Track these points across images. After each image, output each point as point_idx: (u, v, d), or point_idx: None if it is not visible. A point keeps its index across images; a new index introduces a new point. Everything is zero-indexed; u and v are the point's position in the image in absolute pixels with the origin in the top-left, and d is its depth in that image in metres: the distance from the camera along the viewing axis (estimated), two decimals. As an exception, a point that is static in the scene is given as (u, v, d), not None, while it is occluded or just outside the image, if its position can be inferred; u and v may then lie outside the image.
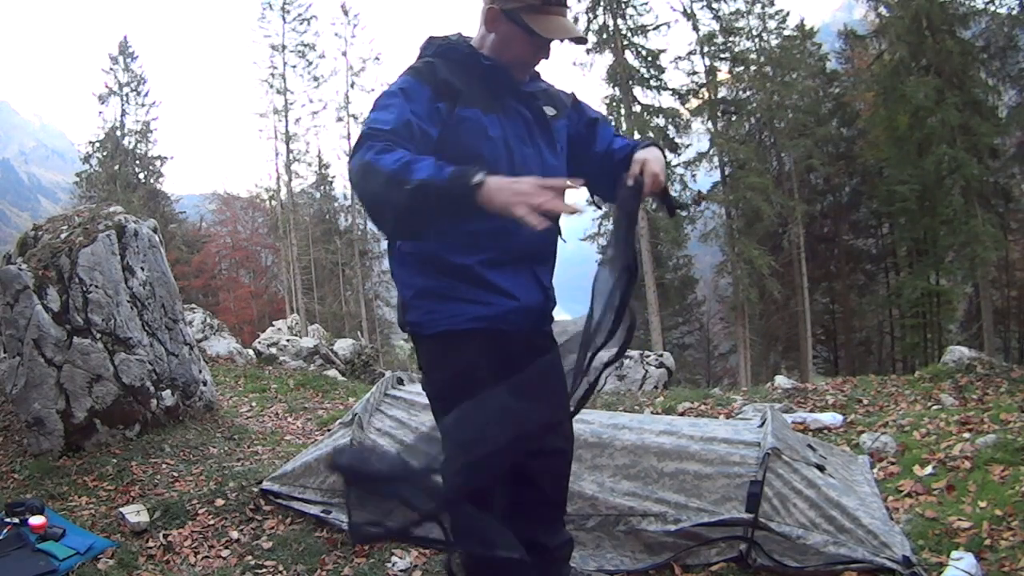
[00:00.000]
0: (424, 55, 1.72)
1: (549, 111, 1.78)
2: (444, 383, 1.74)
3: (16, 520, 2.87)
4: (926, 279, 19.13)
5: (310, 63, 26.99)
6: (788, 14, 22.38)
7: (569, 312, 1.79)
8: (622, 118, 22.30)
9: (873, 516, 2.48)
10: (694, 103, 22.73)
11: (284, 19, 26.67)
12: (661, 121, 22.58)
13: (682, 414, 4.82)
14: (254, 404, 6.13)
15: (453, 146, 1.58)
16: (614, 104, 22.37)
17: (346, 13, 26.90)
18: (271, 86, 26.73)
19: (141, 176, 28.83)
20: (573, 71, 22.86)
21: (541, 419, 1.64)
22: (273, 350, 9.00)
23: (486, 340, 1.66)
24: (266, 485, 3.31)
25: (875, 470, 3.31)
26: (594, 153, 1.86)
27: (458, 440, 1.72)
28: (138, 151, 28.55)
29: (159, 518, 3.16)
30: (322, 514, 3.03)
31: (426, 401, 1.86)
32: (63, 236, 4.41)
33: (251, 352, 8.85)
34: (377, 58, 27.26)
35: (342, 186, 29.00)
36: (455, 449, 1.73)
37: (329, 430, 4.00)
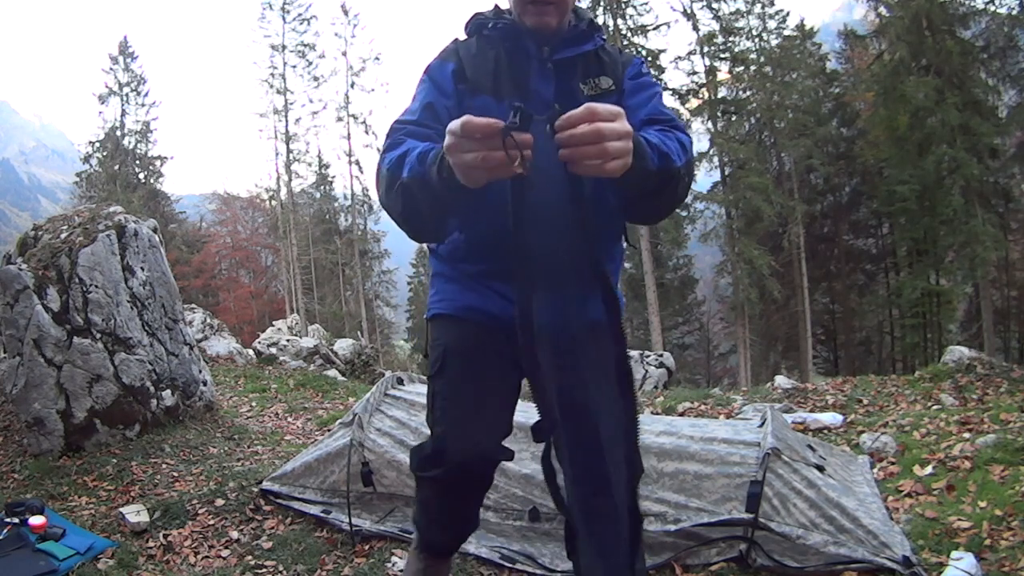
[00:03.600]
0: (466, 31, 1.56)
1: (603, 83, 1.44)
2: (432, 363, 1.63)
3: (16, 520, 2.87)
4: (926, 279, 19.12)
5: (310, 63, 27.02)
6: (788, 14, 22.44)
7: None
8: (622, 118, 22.27)
9: (873, 516, 2.48)
10: (694, 103, 22.75)
11: (284, 19, 26.70)
12: (661, 121, 22.55)
13: (682, 414, 4.82)
14: (254, 404, 6.13)
15: None
16: (614, 104, 22.33)
17: (346, 13, 26.94)
18: (271, 86, 26.77)
19: (141, 176, 28.82)
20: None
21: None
22: (273, 350, 9.00)
23: (478, 330, 1.54)
24: (266, 485, 3.32)
25: (875, 470, 3.31)
26: None
27: (432, 427, 1.63)
28: (138, 151, 28.55)
29: (159, 518, 3.16)
30: (322, 514, 3.03)
31: (426, 401, 1.74)
32: (63, 236, 4.41)
33: (251, 352, 8.85)
34: (377, 58, 27.28)
35: (342, 186, 28.97)
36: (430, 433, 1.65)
37: (329, 430, 4.00)
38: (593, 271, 1.21)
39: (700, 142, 22.73)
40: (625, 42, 22.21)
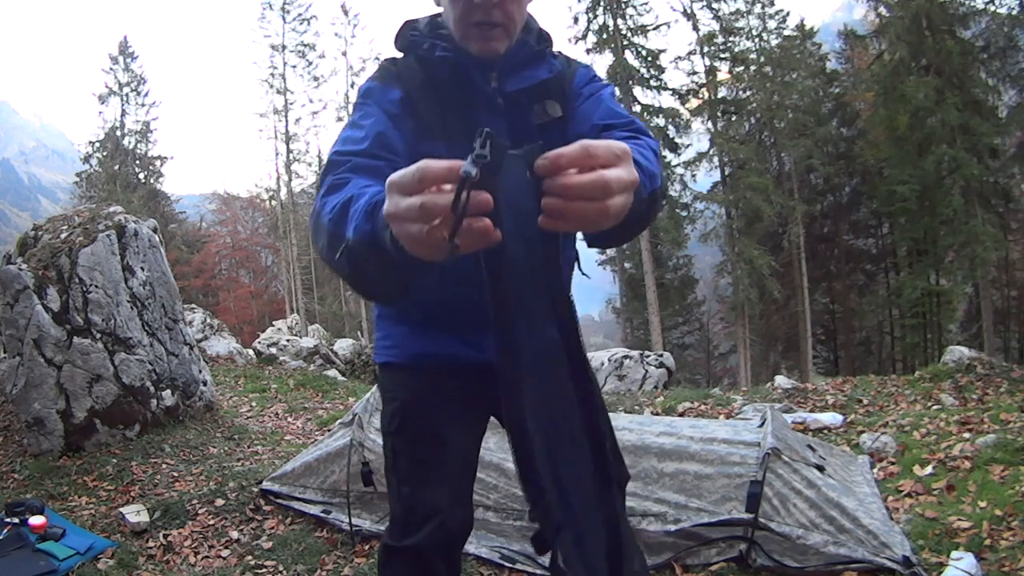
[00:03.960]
0: (396, 47, 1.31)
1: (551, 109, 1.26)
2: (388, 418, 1.45)
3: (16, 520, 2.88)
4: (926, 279, 19.12)
5: (310, 63, 27.02)
6: (788, 14, 22.42)
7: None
8: (622, 118, 22.31)
9: (873, 516, 2.48)
10: (694, 103, 22.75)
11: (284, 19, 26.71)
12: (661, 121, 22.59)
13: (682, 414, 4.82)
14: (254, 404, 6.13)
15: None
16: (614, 104, 22.36)
17: (346, 13, 26.92)
18: (271, 86, 26.78)
19: (141, 176, 28.83)
20: (573, 71, 22.77)
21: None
22: (273, 350, 9.01)
23: (433, 378, 1.38)
24: (266, 485, 3.32)
25: (875, 470, 3.31)
26: None
27: (398, 486, 1.45)
28: (138, 151, 28.56)
29: (159, 518, 3.16)
30: (322, 514, 3.03)
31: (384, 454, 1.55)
32: (63, 236, 4.41)
33: (251, 352, 8.85)
34: (377, 58, 27.03)
35: (342, 186, 28.99)
36: (394, 501, 1.48)
37: (329, 430, 4.00)
38: (554, 307, 0.93)
39: (700, 142, 22.79)
40: (625, 42, 22.23)
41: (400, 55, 1.30)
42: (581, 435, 0.99)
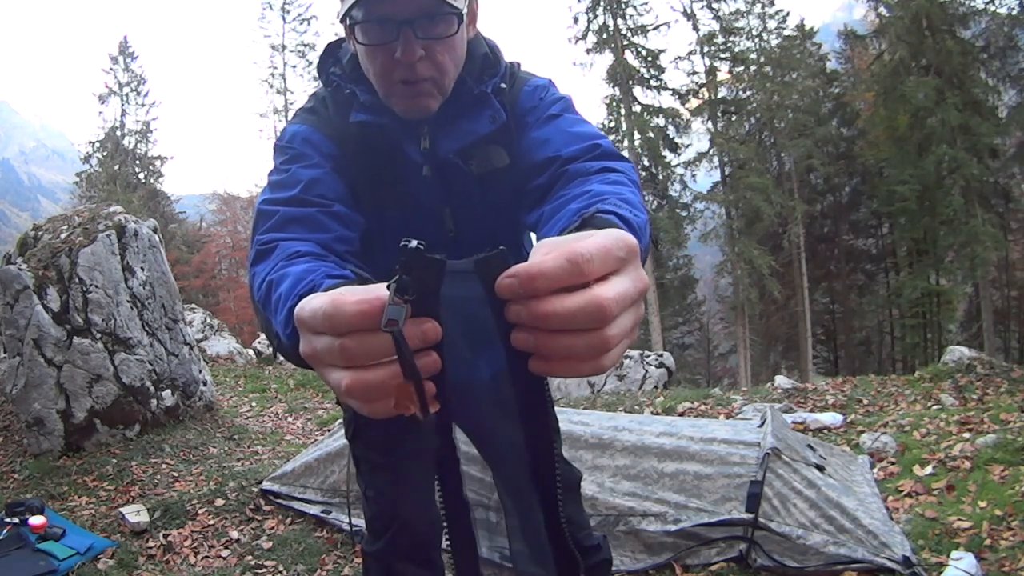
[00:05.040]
0: (322, 81, 1.17)
1: (496, 158, 1.08)
2: (345, 426, 1.46)
3: (16, 520, 2.88)
4: (926, 279, 19.15)
5: (310, 63, 27.01)
6: (788, 14, 22.44)
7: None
8: (622, 118, 22.34)
9: (873, 516, 2.48)
10: (694, 103, 22.76)
11: (284, 19, 26.74)
12: (661, 121, 22.62)
13: (682, 414, 4.82)
14: (254, 404, 6.13)
15: None
16: (614, 104, 22.40)
17: (346, 13, 26.90)
18: (271, 86, 26.84)
19: (141, 176, 28.83)
20: (573, 71, 22.86)
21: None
22: (273, 350, 9.00)
23: None
24: (266, 485, 3.32)
25: (875, 470, 3.31)
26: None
27: (367, 502, 1.47)
28: (138, 151, 28.56)
29: (159, 518, 3.16)
30: (322, 514, 3.04)
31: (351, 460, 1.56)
32: (63, 236, 4.41)
33: (251, 352, 8.86)
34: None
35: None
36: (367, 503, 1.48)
37: (329, 430, 4.01)
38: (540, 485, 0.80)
39: (700, 142, 22.79)
40: (625, 42, 22.24)
41: (325, 94, 1.15)
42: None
